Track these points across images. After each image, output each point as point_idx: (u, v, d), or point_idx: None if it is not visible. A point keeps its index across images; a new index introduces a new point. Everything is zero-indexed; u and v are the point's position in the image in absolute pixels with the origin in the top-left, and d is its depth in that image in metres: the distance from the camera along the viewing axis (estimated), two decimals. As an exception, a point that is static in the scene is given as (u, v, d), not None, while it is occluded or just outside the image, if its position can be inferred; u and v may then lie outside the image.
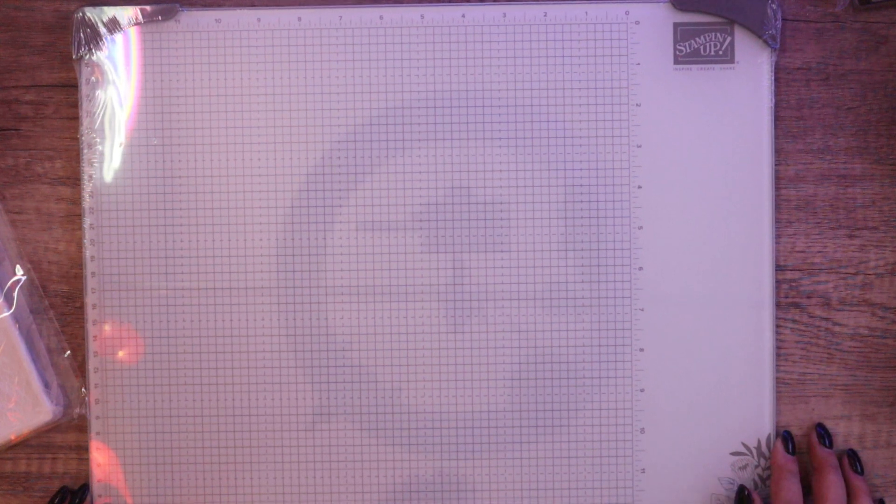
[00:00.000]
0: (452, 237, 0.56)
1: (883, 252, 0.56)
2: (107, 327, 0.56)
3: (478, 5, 0.56)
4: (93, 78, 0.55)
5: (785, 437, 0.55)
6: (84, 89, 0.55)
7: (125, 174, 0.56)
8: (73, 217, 0.57)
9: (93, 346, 0.56)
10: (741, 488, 0.55)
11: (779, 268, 0.56)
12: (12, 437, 0.55)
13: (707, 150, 0.55)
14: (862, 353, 0.56)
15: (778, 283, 0.56)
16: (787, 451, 0.55)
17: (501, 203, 0.56)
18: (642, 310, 0.56)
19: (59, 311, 0.57)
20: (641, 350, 0.56)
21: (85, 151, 0.56)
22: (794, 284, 0.56)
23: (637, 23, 0.55)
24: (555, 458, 0.56)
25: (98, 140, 0.55)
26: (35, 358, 0.56)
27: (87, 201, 0.56)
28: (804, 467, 0.55)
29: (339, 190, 0.56)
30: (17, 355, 0.55)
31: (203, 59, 0.56)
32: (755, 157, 0.55)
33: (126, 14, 0.55)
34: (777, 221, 0.56)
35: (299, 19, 0.56)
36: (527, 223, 0.56)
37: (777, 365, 0.56)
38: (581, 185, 0.55)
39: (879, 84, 0.56)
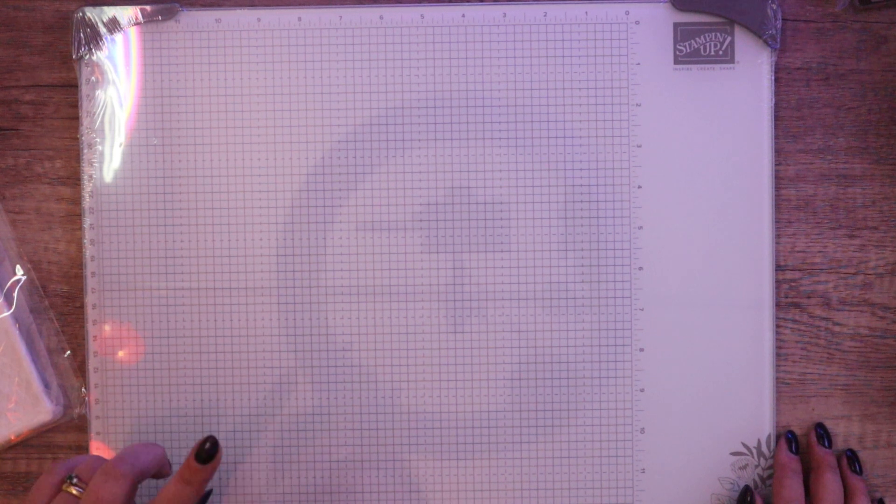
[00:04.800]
0: (452, 237, 0.56)
1: (883, 252, 0.56)
2: (107, 327, 0.56)
3: (478, 5, 0.56)
4: (93, 78, 0.55)
5: (789, 436, 0.55)
6: (84, 89, 0.55)
7: (125, 174, 0.56)
8: (73, 217, 0.57)
9: (93, 346, 0.56)
10: (745, 489, 0.55)
11: (779, 268, 0.56)
12: (12, 437, 0.55)
13: (707, 150, 0.55)
14: (862, 353, 0.56)
15: (778, 283, 0.56)
16: (791, 451, 0.55)
17: (501, 203, 0.56)
18: (642, 310, 0.56)
19: (59, 311, 0.57)
20: (641, 350, 0.56)
21: (85, 151, 0.56)
22: (794, 284, 0.56)
23: (637, 23, 0.55)
24: (555, 458, 0.56)
25: (98, 140, 0.55)
26: (35, 358, 0.56)
27: (87, 201, 0.56)
28: (804, 467, 0.55)
29: (339, 190, 0.56)
30: (17, 355, 0.55)
31: (203, 59, 0.56)
32: (755, 157, 0.55)
33: (126, 14, 0.55)
34: (777, 221, 0.56)
35: (299, 19, 0.56)
36: (527, 223, 0.56)
37: (777, 365, 0.56)
38: (581, 185, 0.55)
39: (879, 84, 0.56)
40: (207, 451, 0.48)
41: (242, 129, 0.56)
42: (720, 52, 0.55)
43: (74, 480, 0.47)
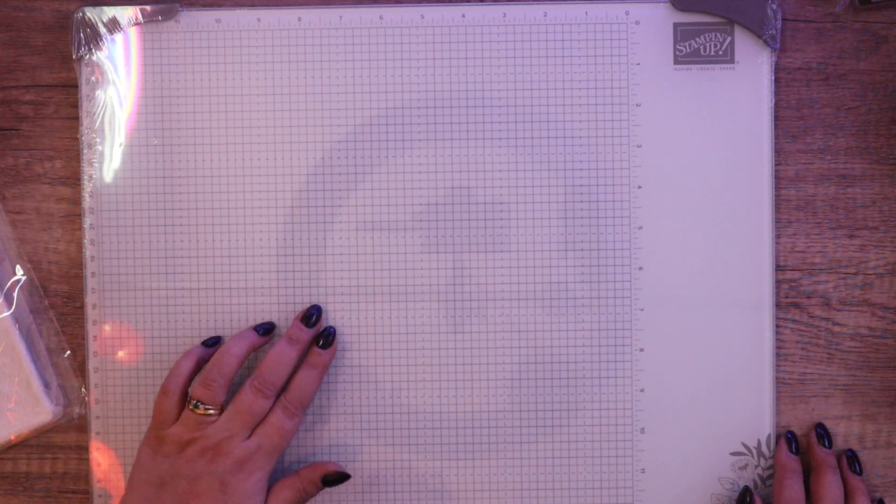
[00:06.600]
0: (452, 237, 0.56)
1: (883, 252, 0.56)
2: (107, 327, 0.56)
3: (478, 5, 0.56)
4: (93, 78, 0.55)
5: (789, 437, 0.55)
6: (84, 89, 0.55)
7: (125, 174, 0.56)
8: (73, 217, 0.57)
9: (93, 346, 0.56)
10: (745, 489, 0.55)
11: (779, 268, 0.56)
12: (12, 437, 0.55)
13: (707, 150, 0.55)
14: (862, 353, 0.56)
15: (778, 283, 0.56)
16: (791, 451, 0.55)
17: (501, 203, 0.56)
18: (642, 310, 0.56)
19: (59, 311, 0.57)
20: (641, 350, 0.56)
21: (85, 151, 0.56)
22: (794, 284, 0.56)
23: (637, 23, 0.55)
24: (555, 458, 0.56)
25: (98, 140, 0.55)
26: (35, 358, 0.56)
27: (87, 201, 0.56)
28: (804, 467, 0.55)
29: (339, 190, 0.56)
30: (17, 355, 0.55)
31: (203, 59, 0.56)
32: (755, 157, 0.55)
33: (126, 14, 0.55)
34: (777, 221, 0.56)
35: (299, 19, 0.56)
36: (527, 223, 0.56)
37: (777, 365, 0.56)
38: (581, 185, 0.55)
39: (879, 84, 0.56)
40: (325, 340, 0.54)
41: (242, 129, 0.56)
42: (720, 52, 0.55)
43: (198, 405, 0.52)
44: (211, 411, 0.52)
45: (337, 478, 0.53)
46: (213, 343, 0.55)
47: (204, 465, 0.50)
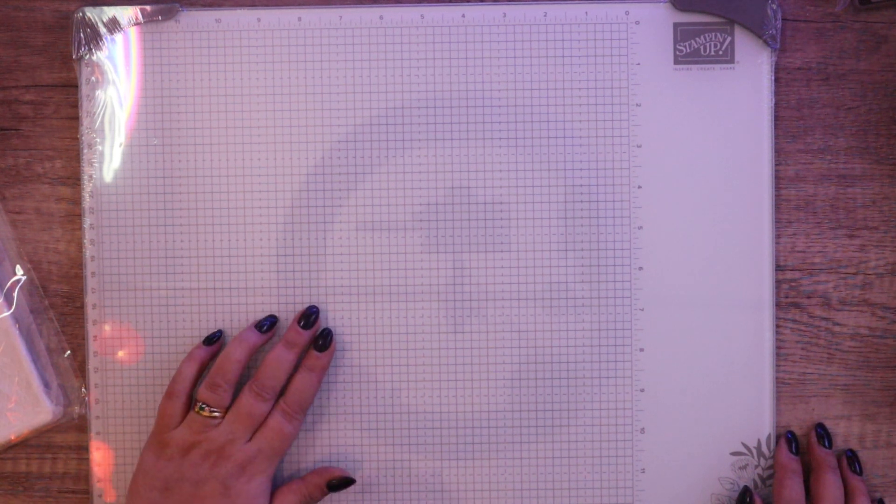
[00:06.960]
0: (452, 237, 0.56)
1: (883, 252, 0.56)
2: (107, 327, 0.56)
3: (478, 5, 0.56)
4: (93, 78, 0.55)
5: (789, 437, 0.55)
6: (84, 89, 0.55)
7: (125, 174, 0.56)
8: (73, 217, 0.57)
9: (93, 346, 0.56)
10: (744, 490, 0.55)
11: (779, 268, 0.56)
12: (12, 437, 0.56)
13: (707, 150, 0.55)
14: (862, 353, 0.56)
15: (778, 283, 0.56)
16: (791, 451, 0.55)
17: (501, 203, 0.56)
18: (642, 310, 0.56)
19: (59, 311, 0.57)
20: (641, 350, 0.56)
21: (85, 151, 0.56)
22: (794, 284, 0.56)
23: (637, 23, 0.55)
24: (555, 458, 0.56)
25: (98, 140, 0.55)
26: (35, 358, 0.56)
27: (87, 201, 0.56)
28: (804, 467, 0.55)
29: (339, 190, 0.56)
30: (17, 355, 0.55)
31: (203, 59, 0.56)
32: (755, 157, 0.55)
33: (126, 14, 0.55)
34: (777, 221, 0.56)
35: (299, 19, 0.56)
36: (527, 223, 0.56)
37: (777, 365, 0.56)
38: (581, 185, 0.56)
39: (879, 84, 0.56)
40: (323, 342, 0.54)
41: (242, 129, 0.56)
42: (720, 52, 0.55)
43: (204, 407, 0.52)
44: (216, 414, 0.52)
45: (342, 483, 0.54)
46: (216, 339, 0.55)
47: (207, 469, 0.51)
